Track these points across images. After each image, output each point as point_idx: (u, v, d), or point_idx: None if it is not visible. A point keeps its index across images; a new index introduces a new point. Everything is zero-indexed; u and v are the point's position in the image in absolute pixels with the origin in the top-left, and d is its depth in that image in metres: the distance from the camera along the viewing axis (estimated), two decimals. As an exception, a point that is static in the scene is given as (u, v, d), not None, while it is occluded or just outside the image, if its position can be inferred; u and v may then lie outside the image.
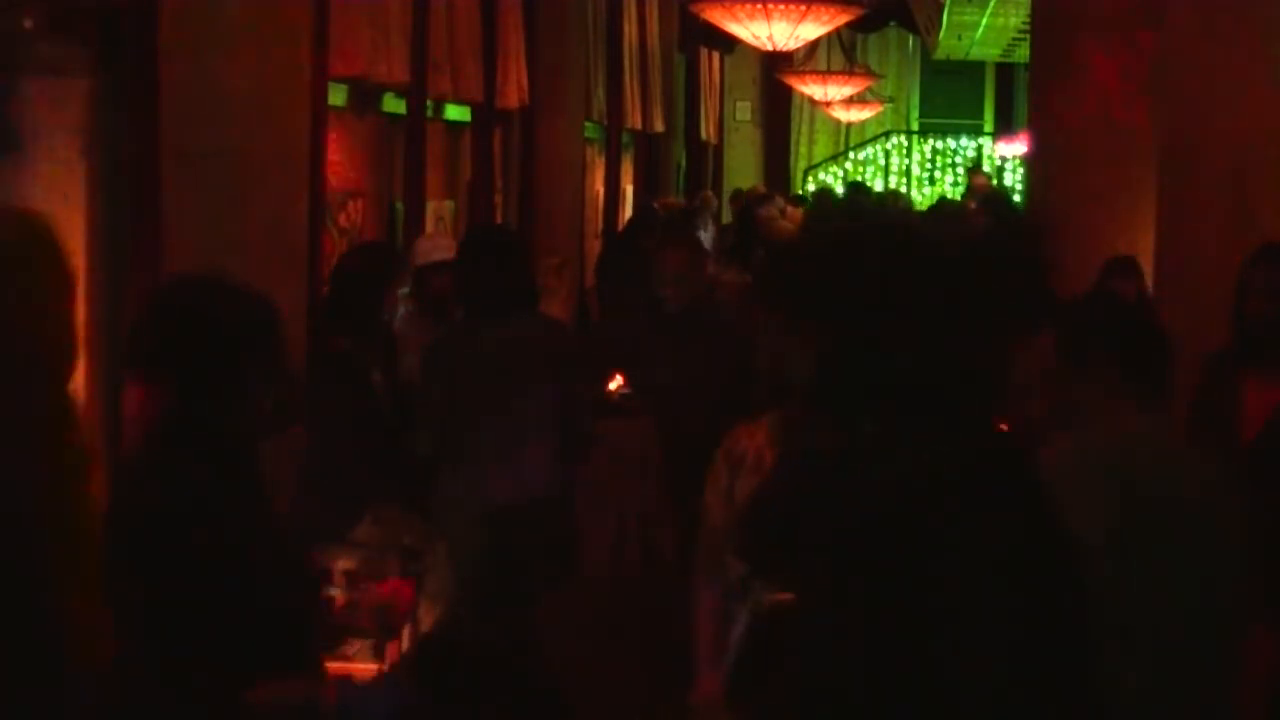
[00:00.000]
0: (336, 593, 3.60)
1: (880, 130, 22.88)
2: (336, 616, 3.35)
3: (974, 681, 1.82)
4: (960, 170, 22.47)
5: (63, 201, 4.35)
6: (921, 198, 20.85)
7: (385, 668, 3.30)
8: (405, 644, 5.30)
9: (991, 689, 1.82)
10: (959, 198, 18.77)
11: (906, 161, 22.62)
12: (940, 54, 20.24)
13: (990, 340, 1.97)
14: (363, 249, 6.37)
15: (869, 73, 18.73)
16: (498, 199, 10.37)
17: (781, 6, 11.02)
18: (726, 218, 15.53)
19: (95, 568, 2.72)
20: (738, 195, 16.15)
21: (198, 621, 2.64)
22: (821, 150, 23.31)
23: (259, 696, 2.63)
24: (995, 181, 19.28)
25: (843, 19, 11.86)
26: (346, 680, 2.94)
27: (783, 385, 2.69)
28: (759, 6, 11.04)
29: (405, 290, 6.08)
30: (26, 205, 4.15)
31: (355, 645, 4.67)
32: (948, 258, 1.95)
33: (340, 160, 7.29)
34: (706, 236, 12.72)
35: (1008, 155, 20.35)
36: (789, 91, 20.08)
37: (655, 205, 12.63)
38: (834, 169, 22.42)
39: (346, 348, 5.29)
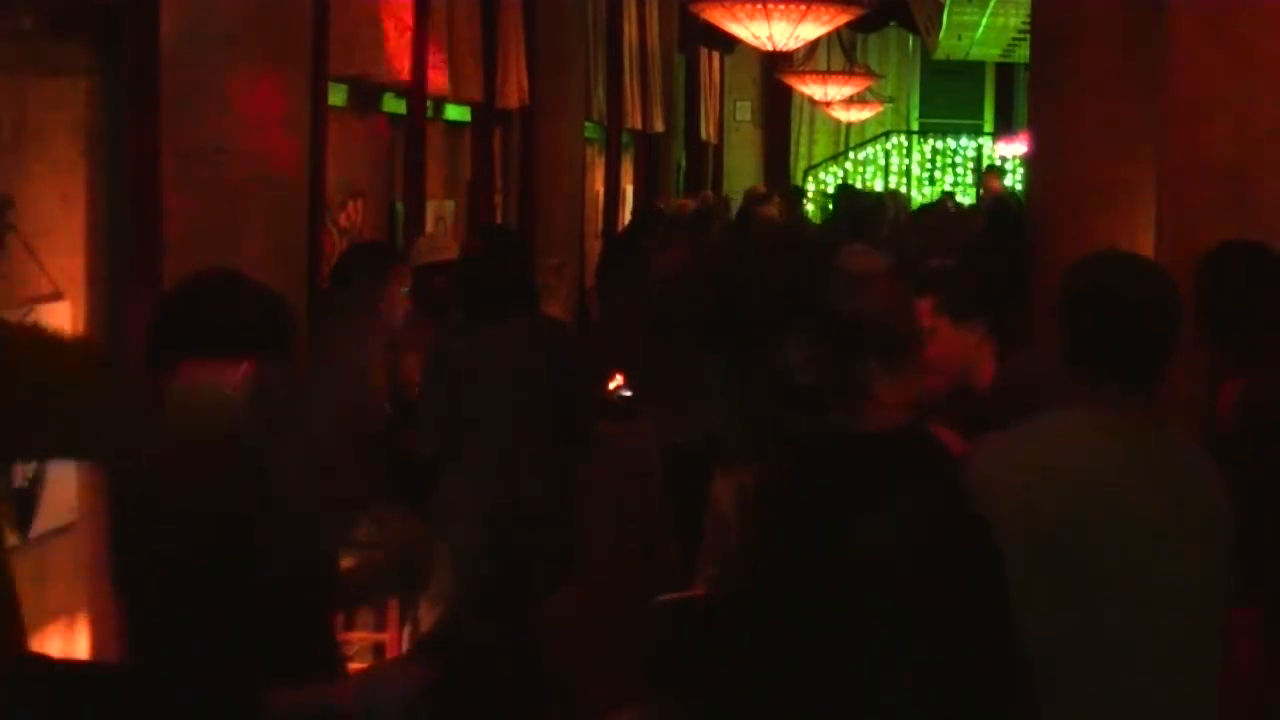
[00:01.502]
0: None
1: (880, 130, 22.87)
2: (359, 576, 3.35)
3: (889, 667, 1.86)
4: (960, 170, 22.48)
5: (63, 201, 4.35)
6: (921, 198, 20.85)
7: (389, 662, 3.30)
8: (405, 644, 5.31)
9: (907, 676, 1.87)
10: (973, 198, 18.85)
11: (906, 161, 22.62)
12: (940, 54, 20.22)
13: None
14: (362, 248, 6.37)
15: (869, 73, 18.72)
16: (498, 199, 10.37)
17: (781, 6, 11.02)
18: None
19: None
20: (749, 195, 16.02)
21: (216, 620, 2.64)
22: (821, 150, 23.31)
23: (278, 701, 2.63)
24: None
25: (843, 19, 11.86)
26: (361, 678, 2.94)
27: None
28: (759, 6, 11.03)
29: (406, 290, 6.08)
30: (25, 205, 4.16)
31: (355, 645, 4.68)
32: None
33: (340, 160, 7.29)
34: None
35: (1008, 155, 20.35)
36: (789, 91, 20.08)
37: (661, 205, 12.63)
38: (834, 169, 22.42)
39: (347, 346, 5.29)
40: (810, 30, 11.53)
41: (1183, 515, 2.68)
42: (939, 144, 22.77)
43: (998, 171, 18.09)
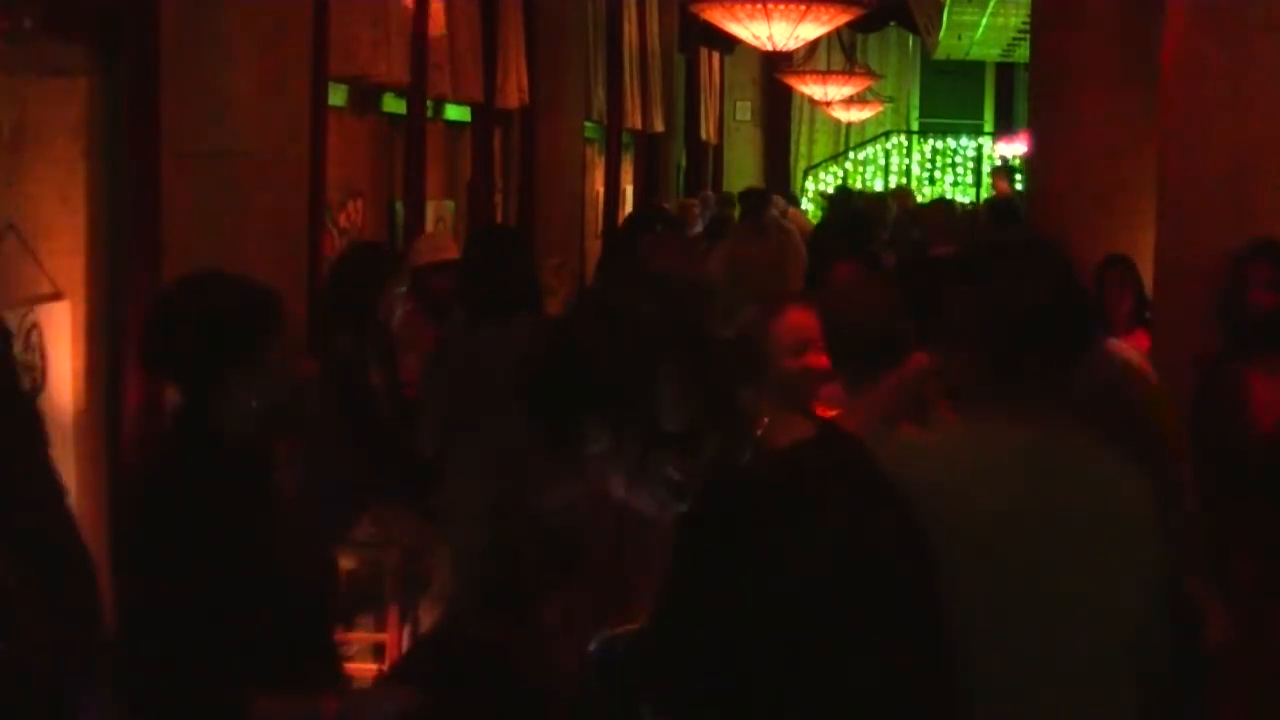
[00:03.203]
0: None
1: (880, 130, 22.89)
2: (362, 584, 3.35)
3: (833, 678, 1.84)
4: (960, 170, 22.48)
5: (62, 201, 4.35)
6: (921, 198, 20.86)
7: (385, 668, 3.31)
8: (405, 644, 5.31)
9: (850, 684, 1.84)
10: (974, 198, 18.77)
11: (906, 161, 22.64)
12: (940, 54, 20.25)
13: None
14: (359, 248, 6.37)
15: (869, 73, 18.72)
16: (498, 199, 10.37)
17: (781, 6, 11.02)
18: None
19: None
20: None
21: (213, 624, 2.64)
22: (821, 150, 23.32)
23: (266, 708, 2.62)
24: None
25: (843, 19, 11.86)
26: (347, 690, 2.93)
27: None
28: (759, 6, 11.04)
29: (404, 290, 6.08)
30: (25, 205, 4.16)
31: (355, 645, 4.67)
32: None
33: (340, 160, 7.29)
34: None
35: (1008, 155, 20.35)
36: (789, 91, 20.09)
37: (664, 204, 12.62)
38: (834, 169, 22.43)
39: (345, 348, 5.29)
40: (810, 30, 11.53)
41: (1093, 528, 2.44)
42: (939, 144, 22.78)
43: (1005, 172, 17.83)
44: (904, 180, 22.11)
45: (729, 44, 15.49)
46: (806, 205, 20.43)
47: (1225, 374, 4.32)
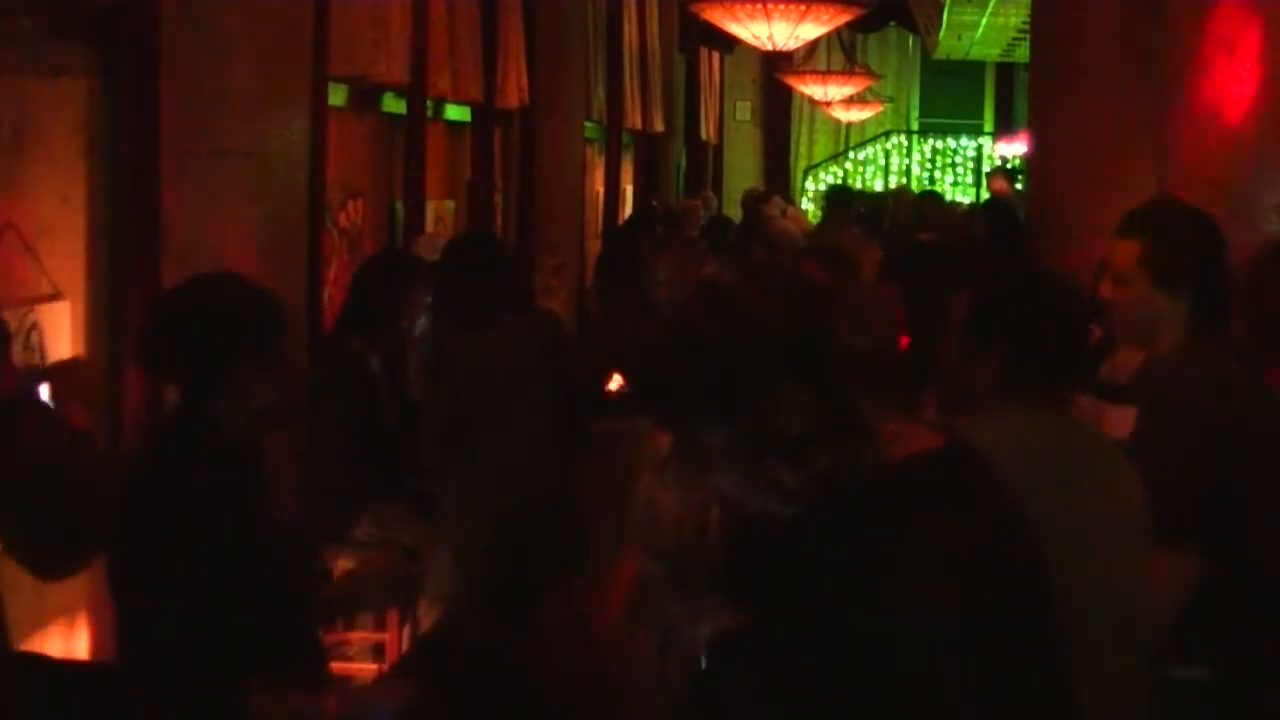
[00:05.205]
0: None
1: (880, 130, 22.88)
2: (348, 588, 3.35)
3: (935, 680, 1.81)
4: (960, 170, 22.47)
5: (63, 201, 4.35)
6: (921, 198, 20.85)
7: (385, 668, 3.32)
8: (405, 644, 5.31)
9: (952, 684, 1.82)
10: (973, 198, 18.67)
11: (906, 161, 22.63)
12: (940, 54, 20.23)
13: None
14: (384, 255, 6.44)
15: (869, 73, 18.71)
16: (498, 199, 10.36)
17: (781, 6, 11.02)
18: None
19: None
20: (749, 196, 15.99)
21: (204, 621, 2.64)
22: (821, 150, 23.31)
23: (260, 707, 2.62)
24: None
25: (843, 19, 11.85)
26: (346, 687, 2.94)
27: None
28: (759, 6, 11.03)
29: (431, 299, 6.01)
30: (25, 205, 4.16)
31: (354, 645, 4.68)
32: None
33: (340, 160, 7.29)
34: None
35: (1008, 155, 20.34)
36: (789, 91, 20.08)
37: (655, 203, 12.61)
38: (834, 169, 22.42)
39: (357, 349, 5.28)
40: (810, 30, 11.52)
41: (1118, 511, 2.64)
42: (939, 144, 22.77)
43: (1004, 173, 17.69)
44: (904, 180, 22.10)
45: (729, 44, 15.49)
46: (807, 205, 20.43)
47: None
